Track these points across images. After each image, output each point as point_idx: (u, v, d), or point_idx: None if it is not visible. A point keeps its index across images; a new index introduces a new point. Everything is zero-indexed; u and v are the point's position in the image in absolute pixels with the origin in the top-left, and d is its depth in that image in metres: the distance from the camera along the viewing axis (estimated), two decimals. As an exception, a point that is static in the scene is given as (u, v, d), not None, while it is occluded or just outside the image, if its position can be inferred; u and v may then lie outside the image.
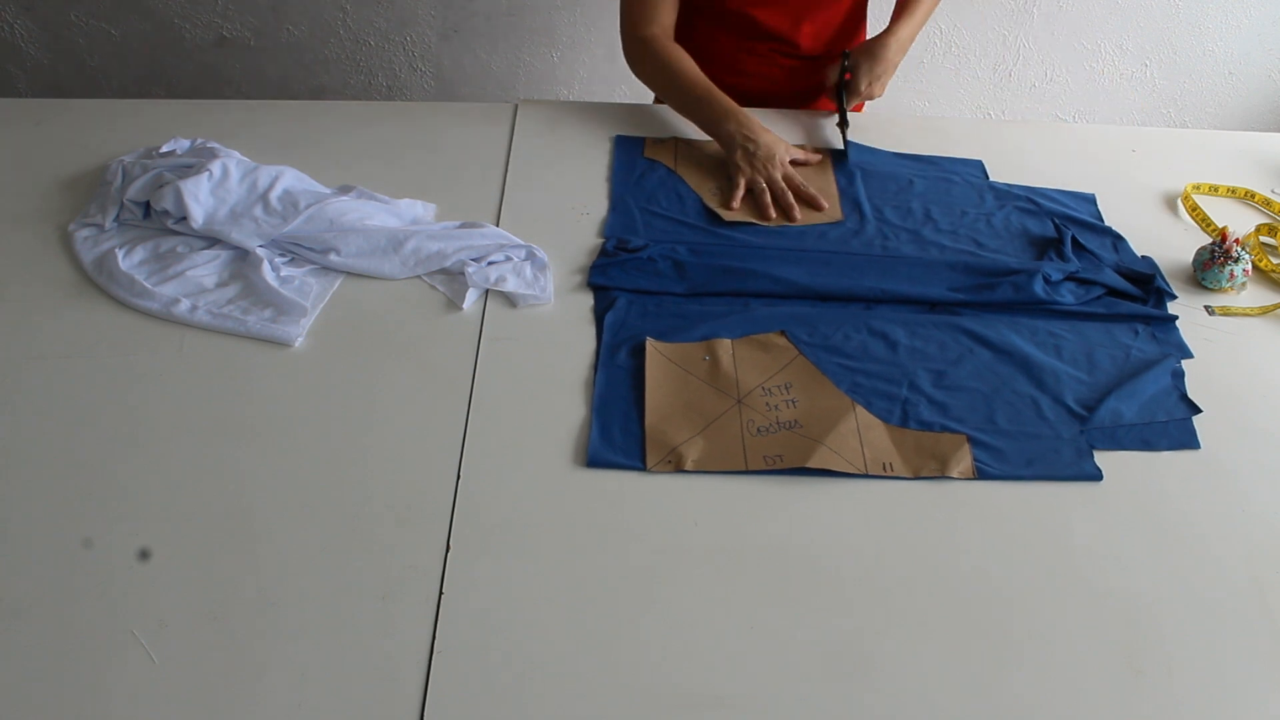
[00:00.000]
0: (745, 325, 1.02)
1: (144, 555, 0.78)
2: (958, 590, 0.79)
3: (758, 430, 0.91)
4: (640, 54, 1.33)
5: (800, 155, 1.27)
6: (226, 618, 0.74)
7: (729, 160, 1.24)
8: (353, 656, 0.72)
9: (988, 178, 1.30)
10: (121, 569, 0.77)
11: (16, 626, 0.73)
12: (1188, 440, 0.94)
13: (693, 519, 0.83)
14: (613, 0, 1.33)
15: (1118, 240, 1.20)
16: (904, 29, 1.35)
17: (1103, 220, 1.23)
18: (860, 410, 0.93)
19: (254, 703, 0.69)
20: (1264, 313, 1.10)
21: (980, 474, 0.88)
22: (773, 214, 1.19)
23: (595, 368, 0.96)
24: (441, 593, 0.76)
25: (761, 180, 1.21)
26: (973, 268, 1.10)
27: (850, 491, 0.86)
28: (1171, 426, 0.95)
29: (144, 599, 0.75)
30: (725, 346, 0.99)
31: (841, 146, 1.31)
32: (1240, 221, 1.24)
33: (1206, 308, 1.10)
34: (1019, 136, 1.40)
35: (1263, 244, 1.20)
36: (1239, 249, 1.11)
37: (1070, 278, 1.10)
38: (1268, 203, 1.28)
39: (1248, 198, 1.30)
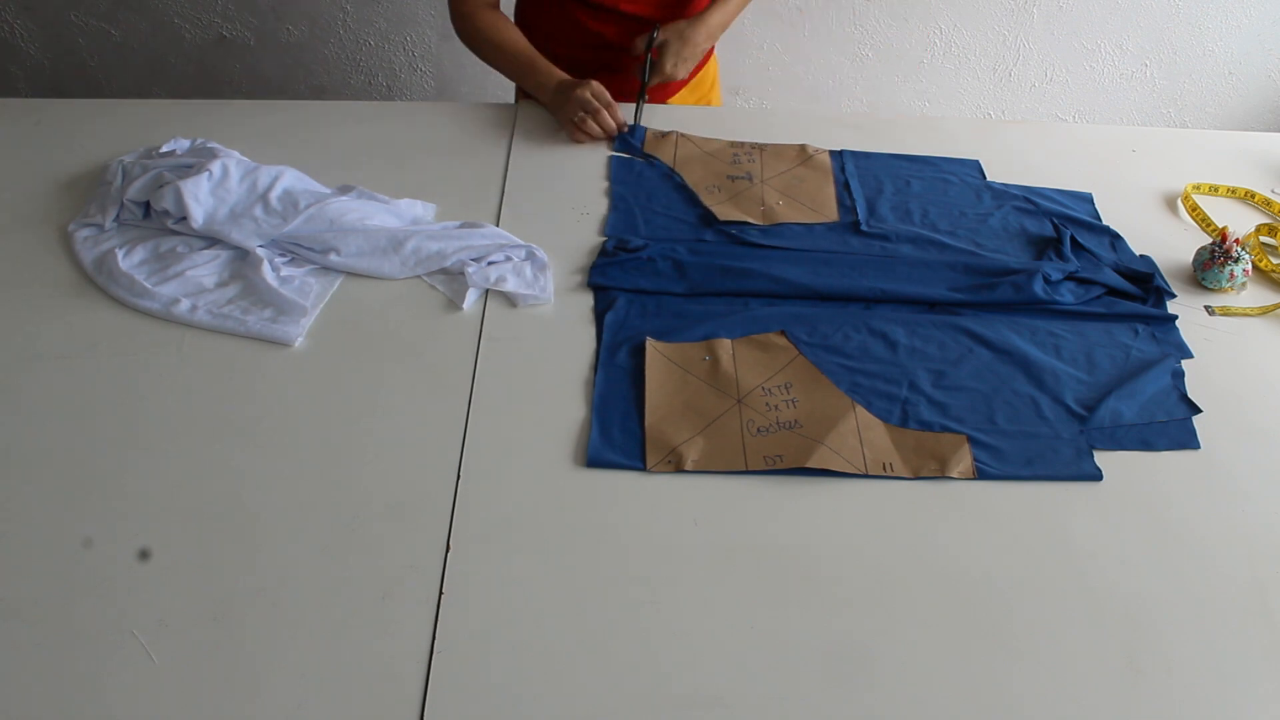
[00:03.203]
0: (745, 325, 1.02)
1: (144, 555, 0.78)
2: (958, 590, 0.79)
3: (758, 430, 0.91)
4: (465, 29, 1.38)
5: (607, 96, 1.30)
6: (226, 618, 0.74)
7: (558, 114, 1.31)
8: (353, 656, 0.72)
9: (985, 177, 1.30)
10: (121, 569, 0.77)
11: (16, 626, 0.73)
12: (1187, 440, 0.94)
13: (693, 519, 0.83)
14: (613, 0, 1.33)
15: (1115, 239, 1.20)
16: (715, 16, 1.36)
17: (1100, 219, 1.23)
18: (860, 410, 0.93)
19: (254, 702, 0.69)
20: (1264, 313, 1.10)
21: (980, 474, 0.88)
22: (598, 131, 1.28)
23: (595, 368, 0.97)
24: (441, 593, 0.76)
25: (576, 113, 1.27)
26: (972, 268, 1.10)
27: (850, 491, 0.86)
28: (1171, 426, 0.95)
29: (144, 599, 0.74)
30: (725, 346, 0.99)
31: (632, 120, 1.32)
32: (1240, 221, 1.24)
33: (1206, 308, 1.10)
34: (1018, 136, 1.40)
35: (1263, 244, 1.20)
36: (1239, 249, 1.11)
37: (1070, 277, 1.10)
38: (1268, 203, 1.28)
39: (1248, 198, 1.30)
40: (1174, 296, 1.11)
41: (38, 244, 1.08)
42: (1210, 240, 1.16)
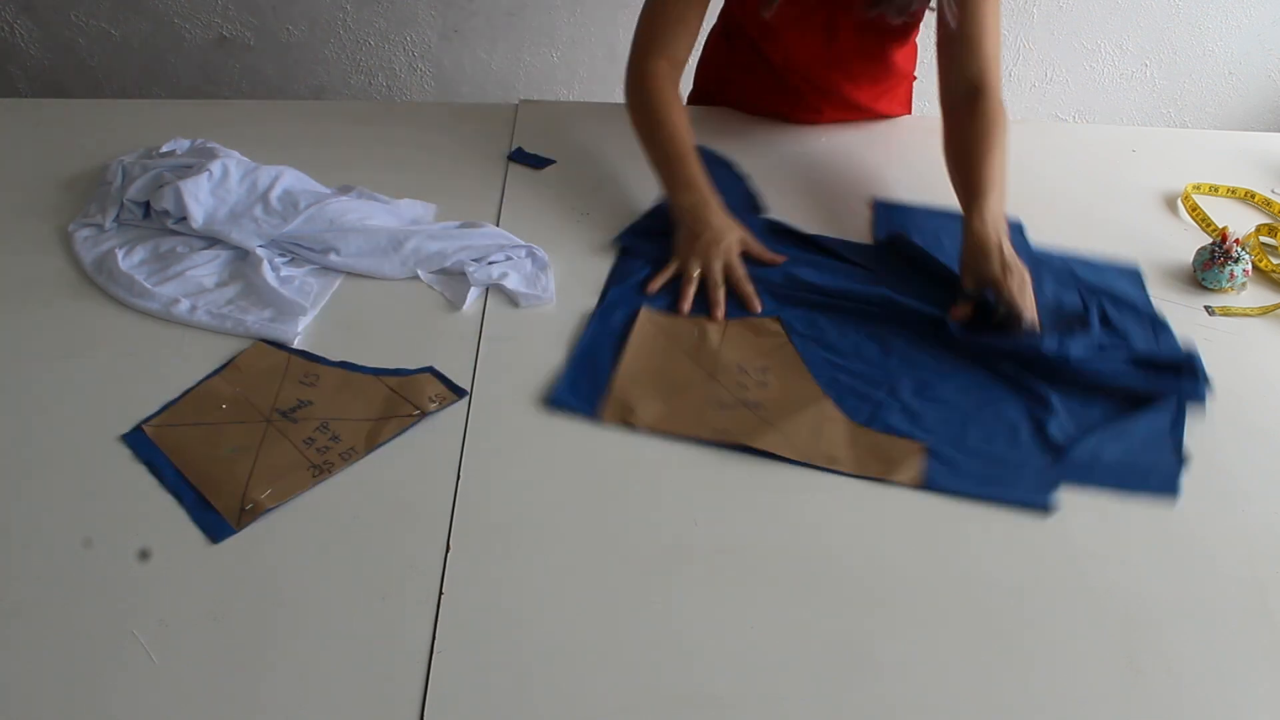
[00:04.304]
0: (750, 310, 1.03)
1: (144, 555, 0.78)
2: (958, 590, 0.79)
3: (720, 405, 0.91)
4: (637, 83, 1.20)
5: (756, 249, 1.10)
6: (226, 618, 0.74)
7: (675, 236, 1.10)
8: (353, 656, 0.72)
9: (1024, 236, 1.18)
10: (121, 569, 0.77)
11: (16, 626, 0.73)
12: (1168, 487, 0.87)
13: (693, 519, 0.83)
14: (612, 0, 1.33)
15: (1159, 326, 1.05)
16: (995, 202, 1.05)
17: (1147, 296, 1.09)
18: (828, 404, 0.93)
19: (254, 703, 0.69)
20: (1264, 313, 1.10)
21: (929, 484, 0.86)
22: (686, 308, 1.03)
23: (589, 319, 0.98)
24: (441, 593, 0.76)
25: (696, 267, 1.06)
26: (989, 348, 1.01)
27: (851, 492, 0.86)
28: (1153, 476, 0.88)
29: (144, 599, 0.74)
30: (718, 324, 1.00)
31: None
32: (1240, 221, 1.24)
33: (1206, 308, 1.10)
34: (1019, 136, 1.39)
35: (1263, 244, 1.20)
36: (1239, 249, 1.11)
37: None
38: (1268, 203, 1.28)
39: (1248, 198, 1.30)
40: (1209, 392, 0.97)
41: (38, 244, 1.08)
42: (1210, 240, 1.16)
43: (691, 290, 1.04)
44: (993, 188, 1.06)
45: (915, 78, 1.44)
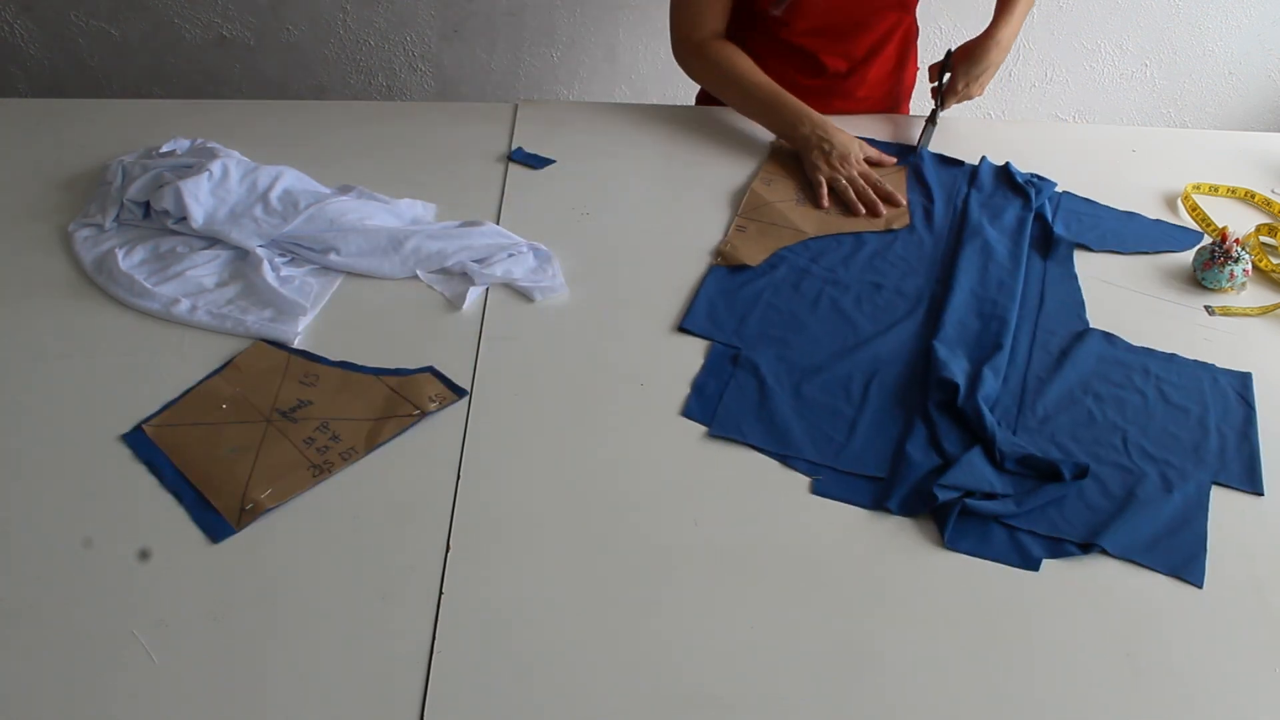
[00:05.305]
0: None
1: (144, 555, 0.78)
2: (957, 590, 0.79)
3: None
4: (694, 59, 1.33)
5: (874, 155, 1.28)
6: (226, 618, 0.74)
7: (805, 161, 1.25)
8: (353, 656, 0.72)
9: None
10: (121, 569, 0.77)
11: (16, 627, 0.73)
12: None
13: (693, 519, 0.83)
14: (612, 0, 1.33)
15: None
16: (1003, 30, 1.34)
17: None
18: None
19: (254, 703, 0.69)
20: (1264, 313, 1.10)
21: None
22: (861, 210, 1.19)
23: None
24: (441, 593, 0.76)
25: (842, 179, 1.22)
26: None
27: (850, 491, 0.86)
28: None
29: (144, 599, 0.74)
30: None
31: (916, 142, 1.34)
32: (1240, 221, 1.24)
33: (1206, 308, 1.10)
34: (1019, 136, 1.40)
35: (1263, 244, 1.20)
36: (1239, 249, 1.11)
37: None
38: (1268, 203, 1.28)
39: (1248, 198, 1.30)
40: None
41: (38, 244, 1.08)
42: (1210, 240, 1.16)
43: (852, 195, 1.20)
44: (1015, 17, 1.34)
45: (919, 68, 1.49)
